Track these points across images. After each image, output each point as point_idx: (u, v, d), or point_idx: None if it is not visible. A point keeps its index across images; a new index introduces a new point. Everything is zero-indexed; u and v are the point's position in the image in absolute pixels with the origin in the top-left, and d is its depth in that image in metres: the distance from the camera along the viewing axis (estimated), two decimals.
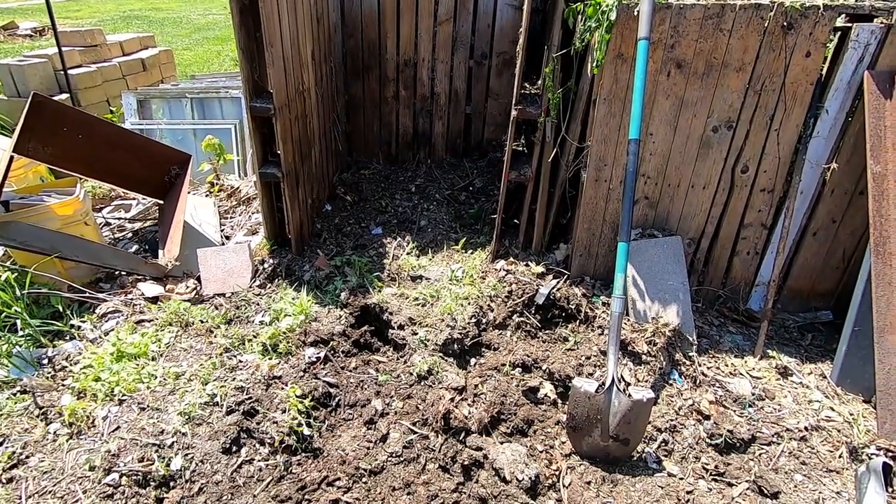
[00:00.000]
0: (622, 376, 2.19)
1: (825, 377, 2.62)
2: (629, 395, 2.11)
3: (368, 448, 2.17)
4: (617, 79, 2.63)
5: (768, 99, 2.60)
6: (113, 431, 2.14)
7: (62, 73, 5.12)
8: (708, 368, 2.63)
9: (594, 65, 2.61)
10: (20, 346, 2.55)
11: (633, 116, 2.31)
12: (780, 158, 2.71)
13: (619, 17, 2.47)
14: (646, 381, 2.50)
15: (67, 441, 2.10)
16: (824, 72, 2.59)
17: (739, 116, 2.66)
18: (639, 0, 2.39)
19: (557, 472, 2.14)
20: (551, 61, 2.81)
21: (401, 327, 2.74)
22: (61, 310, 2.78)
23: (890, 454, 2.18)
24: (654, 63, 2.57)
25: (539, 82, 2.92)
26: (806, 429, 2.34)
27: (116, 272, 3.13)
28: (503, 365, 2.57)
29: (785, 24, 2.43)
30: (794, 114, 2.61)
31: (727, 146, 2.74)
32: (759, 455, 2.24)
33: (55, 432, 2.15)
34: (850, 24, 2.45)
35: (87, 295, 2.88)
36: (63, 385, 2.37)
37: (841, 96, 2.57)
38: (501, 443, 2.22)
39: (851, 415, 2.41)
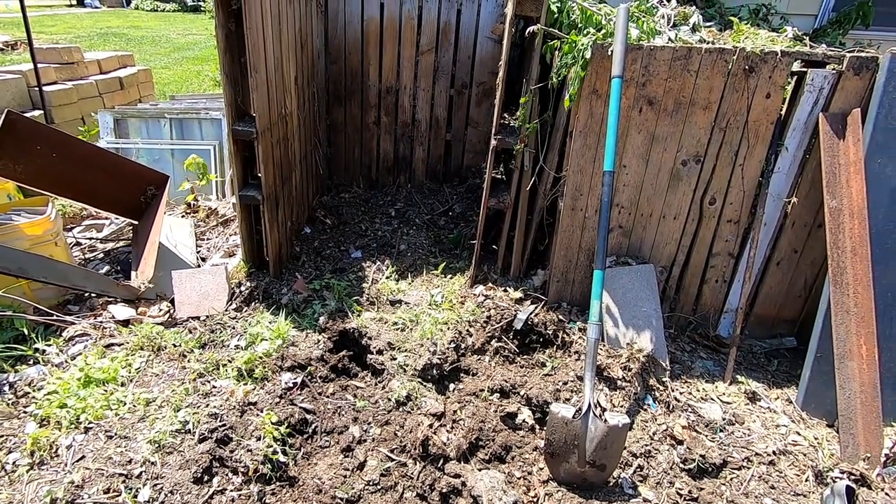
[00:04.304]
0: (598, 401, 2.23)
1: (791, 402, 2.72)
2: (605, 421, 2.15)
3: (345, 476, 2.14)
4: (592, 113, 2.75)
5: (733, 136, 2.76)
6: (77, 461, 2.05)
7: (36, 89, 5.03)
8: (680, 393, 2.70)
9: (568, 98, 2.73)
10: None
11: (607, 149, 2.41)
12: (744, 191, 2.86)
13: (593, 55, 2.60)
14: (621, 407, 2.54)
15: (28, 472, 2.00)
16: (783, 112, 2.76)
17: (706, 151, 2.81)
18: (612, 40, 2.53)
19: (535, 499, 2.14)
20: (529, 94, 2.92)
21: (380, 352, 2.74)
22: (26, 333, 2.68)
23: (852, 477, 2.26)
24: (626, 99, 2.70)
25: (518, 113, 3.03)
26: (774, 453, 2.41)
27: (86, 294, 3.04)
28: (482, 390, 2.58)
29: (746, 67, 2.60)
30: (756, 150, 2.77)
31: (696, 179, 2.87)
32: (731, 479, 2.29)
33: (14, 462, 2.05)
34: (805, 70, 2.64)
35: (54, 317, 2.79)
36: (25, 412, 2.27)
37: (799, 135, 2.74)
38: (480, 469, 2.22)
39: (816, 439, 2.49)
